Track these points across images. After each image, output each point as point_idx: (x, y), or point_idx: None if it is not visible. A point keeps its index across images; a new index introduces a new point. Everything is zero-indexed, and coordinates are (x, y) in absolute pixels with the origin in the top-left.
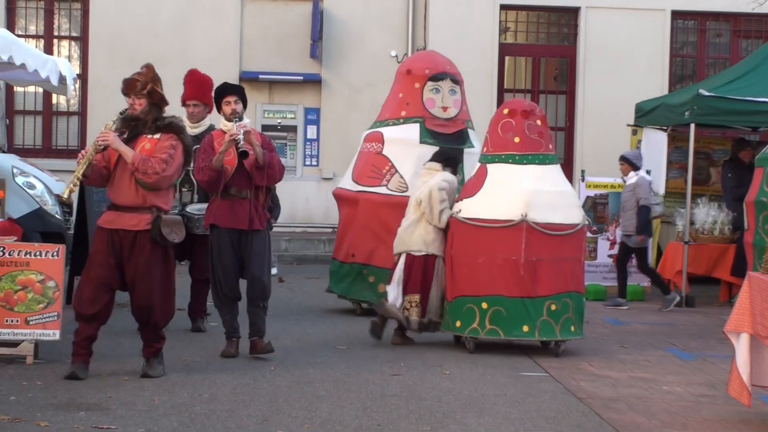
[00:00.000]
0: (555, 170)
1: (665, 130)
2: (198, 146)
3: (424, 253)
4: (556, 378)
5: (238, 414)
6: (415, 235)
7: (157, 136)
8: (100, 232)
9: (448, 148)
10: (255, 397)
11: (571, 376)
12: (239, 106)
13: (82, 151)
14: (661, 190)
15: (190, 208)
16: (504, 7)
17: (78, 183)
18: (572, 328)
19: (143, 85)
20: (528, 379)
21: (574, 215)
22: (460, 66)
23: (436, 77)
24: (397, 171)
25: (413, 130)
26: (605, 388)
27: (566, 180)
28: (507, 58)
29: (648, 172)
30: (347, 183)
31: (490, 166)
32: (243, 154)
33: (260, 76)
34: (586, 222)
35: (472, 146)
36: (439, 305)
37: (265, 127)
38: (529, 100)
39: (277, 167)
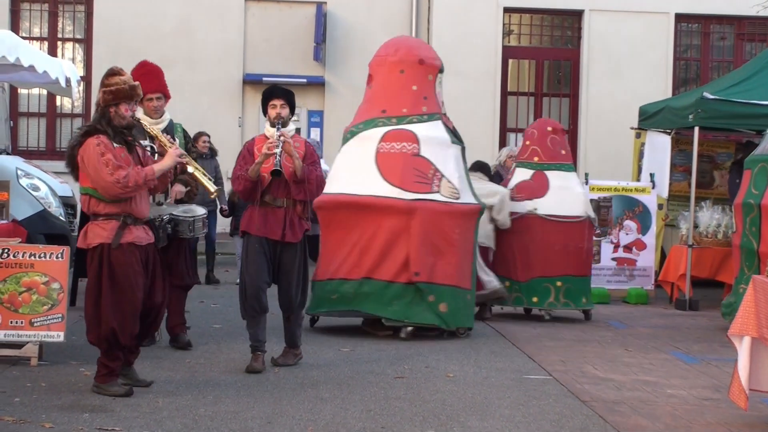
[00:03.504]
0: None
1: (669, 133)
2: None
3: (486, 246)
4: (559, 381)
5: (242, 416)
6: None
7: (146, 142)
8: (134, 251)
9: (463, 148)
10: (259, 399)
11: (575, 379)
12: (285, 111)
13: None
14: (665, 194)
15: (176, 211)
16: (507, 10)
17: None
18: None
19: (141, 91)
20: (532, 382)
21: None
22: (463, 68)
23: (442, 69)
24: (443, 175)
25: (439, 128)
26: (609, 391)
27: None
28: (510, 61)
29: (651, 175)
30: (380, 188)
31: (548, 173)
32: (276, 173)
33: (263, 79)
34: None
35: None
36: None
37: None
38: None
39: (315, 183)
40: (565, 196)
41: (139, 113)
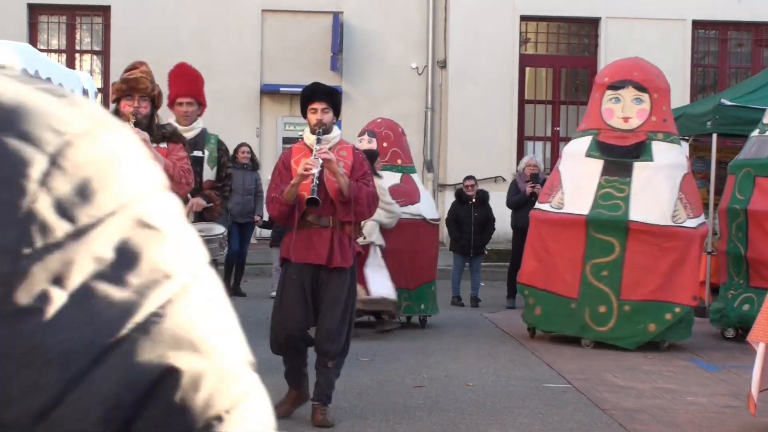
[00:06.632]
0: None
1: (687, 140)
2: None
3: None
4: (579, 389)
5: None
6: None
7: (163, 145)
8: None
9: (612, 161)
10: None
11: (595, 388)
12: (328, 116)
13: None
14: None
15: (195, 227)
16: (524, 18)
17: None
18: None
19: (152, 85)
20: (551, 391)
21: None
22: (480, 76)
23: (615, 85)
24: (561, 187)
25: (584, 143)
26: (629, 399)
27: None
28: (527, 69)
29: None
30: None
31: (413, 176)
32: (312, 202)
33: (281, 89)
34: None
35: (650, 159)
36: None
37: (285, 140)
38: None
39: (364, 202)
40: (428, 199)
41: (172, 119)
